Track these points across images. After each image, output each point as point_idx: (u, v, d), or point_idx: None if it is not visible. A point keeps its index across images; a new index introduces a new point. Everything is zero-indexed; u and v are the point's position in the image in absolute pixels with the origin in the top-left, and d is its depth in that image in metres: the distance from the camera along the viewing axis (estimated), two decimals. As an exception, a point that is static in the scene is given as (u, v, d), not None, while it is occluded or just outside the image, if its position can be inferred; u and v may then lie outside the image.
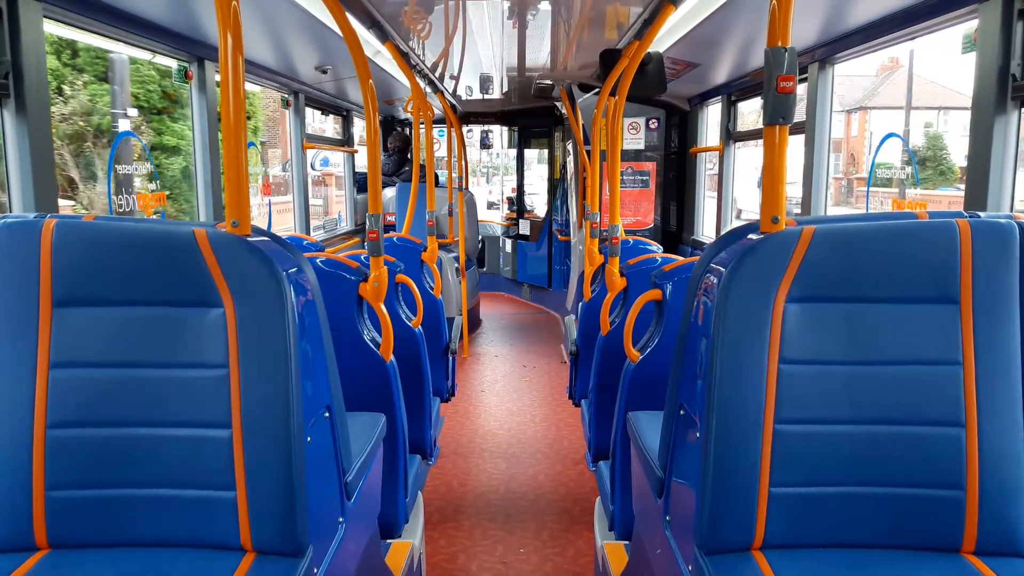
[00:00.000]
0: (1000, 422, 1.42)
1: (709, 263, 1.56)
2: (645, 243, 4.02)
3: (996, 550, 1.43)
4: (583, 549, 3.22)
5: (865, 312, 1.45)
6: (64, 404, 1.44)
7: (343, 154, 6.83)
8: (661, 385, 1.82)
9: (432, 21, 3.56)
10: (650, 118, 5.93)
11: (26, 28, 2.19)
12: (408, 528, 2.75)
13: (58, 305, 1.45)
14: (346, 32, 2.31)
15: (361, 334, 2.48)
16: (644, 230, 6.02)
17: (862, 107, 30.67)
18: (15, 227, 1.46)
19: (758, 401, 1.43)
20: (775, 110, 1.43)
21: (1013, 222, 1.45)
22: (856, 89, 30.52)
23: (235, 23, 1.48)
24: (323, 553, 1.58)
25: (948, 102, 27.50)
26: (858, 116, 31.03)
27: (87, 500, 1.45)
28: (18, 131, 2.23)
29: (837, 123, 30.35)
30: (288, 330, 1.43)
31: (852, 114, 30.89)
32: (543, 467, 4.14)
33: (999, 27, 2.22)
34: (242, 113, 1.52)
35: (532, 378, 5.95)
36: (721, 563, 1.42)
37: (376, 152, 2.43)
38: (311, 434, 1.50)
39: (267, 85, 4.74)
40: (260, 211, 5.32)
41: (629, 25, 3.38)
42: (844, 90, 28.72)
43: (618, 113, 3.35)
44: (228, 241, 1.45)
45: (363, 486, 1.89)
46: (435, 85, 5.75)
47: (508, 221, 9.61)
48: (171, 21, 3.06)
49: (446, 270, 6.21)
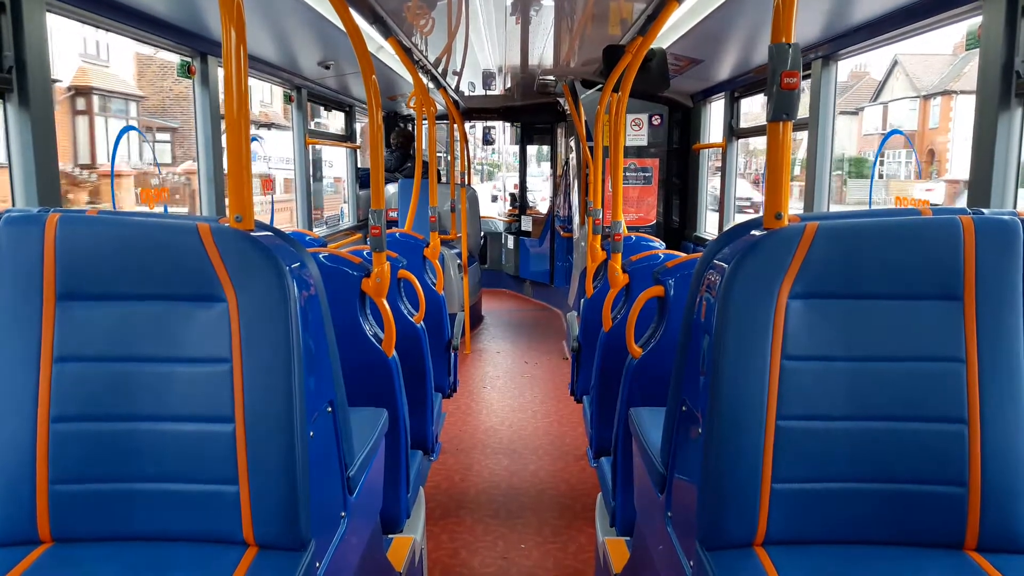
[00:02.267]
0: (1003, 418, 1.42)
1: (712, 259, 1.56)
2: (647, 239, 4.02)
3: (998, 547, 1.43)
4: (584, 545, 3.22)
5: (868, 308, 1.45)
6: (67, 398, 1.45)
7: (344, 151, 6.83)
8: (663, 381, 1.82)
9: (435, 17, 3.56)
10: (653, 114, 5.92)
11: (29, 22, 2.19)
12: (410, 523, 2.75)
13: (61, 299, 1.45)
14: (349, 28, 2.31)
15: (363, 329, 2.48)
16: (647, 226, 6.01)
17: (947, 91, 22.93)
18: (19, 221, 1.46)
19: (760, 397, 1.43)
20: (779, 106, 1.43)
21: (1017, 218, 1.45)
22: (931, 71, 24.02)
23: (238, 18, 1.48)
24: (325, 547, 1.58)
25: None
26: (940, 102, 23.24)
27: (90, 494, 1.45)
28: (22, 125, 2.23)
29: (910, 111, 23.08)
30: (291, 325, 1.43)
31: (931, 100, 23.81)
32: (545, 463, 4.15)
33: (1003, 24, 2.21)
34: (246, 108, 1.52)
35: (534, 374, 5.95)
36: (723, 559, 1.42)
37: (379, 148, 2.43)
38: (313, 429, 1.51)
39: (270, 80, 4.74)
40: (262, 208, 5.32)
41: (632, 21, 3.38)
42: (919, 71, 23.49)
43: (621, 109, 3.35)
44: (231, 235, 1.46)
45: (365, 481, 1.90)
46: (438, 81, 5.75)
47: (510, 217, 9.60)
48: (174, 16, 3.06)
49: (448, 266, 6.22)
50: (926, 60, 23.86)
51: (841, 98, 3.50)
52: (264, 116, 7.51)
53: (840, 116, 3.54)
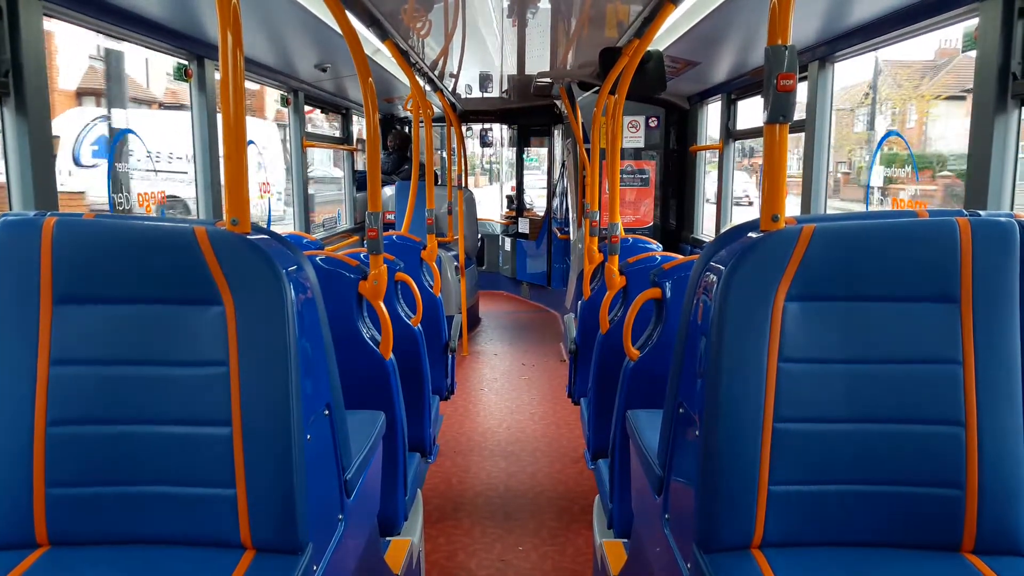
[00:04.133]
0: (1000, 420, 1.42)
1: (709, 261, 1.56)
2: (645, 241, 4.03)
3: (996, 549, 1.43)
4: (582, 547, 3.22)
5: (865, 310, 1.45)
6: (64, 401, 1.44)
7: (344, 153, 6.82)
8: (660, 383, 1.82)
9: (432, 19, 3.56)
10: (650, 116, 5.93)
11: (26, 26, 2.19)
12: (407, 526, 2.75)
13: (58, 303, 1.45)
14: (346, 30, 2.31)
15: (360, 332, 2.48)
16: (644, 228, 6.02)
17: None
18: (15, 225, 1.46)
19: (757, 399, 1.43)
20: (775, 108, 1.43)
21: (1013, 220, 1.45)
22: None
23: (235, 21, 1.48)
24: (322, 550, 1.58)
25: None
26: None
27: (87, 497, 1.45)
28: (18, 129, 2.23)
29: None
30: (288, 328, 1.43)
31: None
32: (542, 465, 4.14)
33: (999, 25, 2.22)
34: (242, 111, 1.52)
35: (531, 376, 5.95)
36: (720, 561, 1.42)
37: (376, 150, 2.43)
38: (311, 432, 1.50)
39: (267, 83, 4.73)
40: (260, 209, 5.32)
41: (629, 23, 3.38)
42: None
43: (618, 111, 3.35)
44: (228, 239, 1.45)
45: (362, 484, 1.89)
46: (434, 83, 5.75)
47: (507, 219, 9.61)
48: (171, 19, 3.06)
49: (445, 268, 6.21)
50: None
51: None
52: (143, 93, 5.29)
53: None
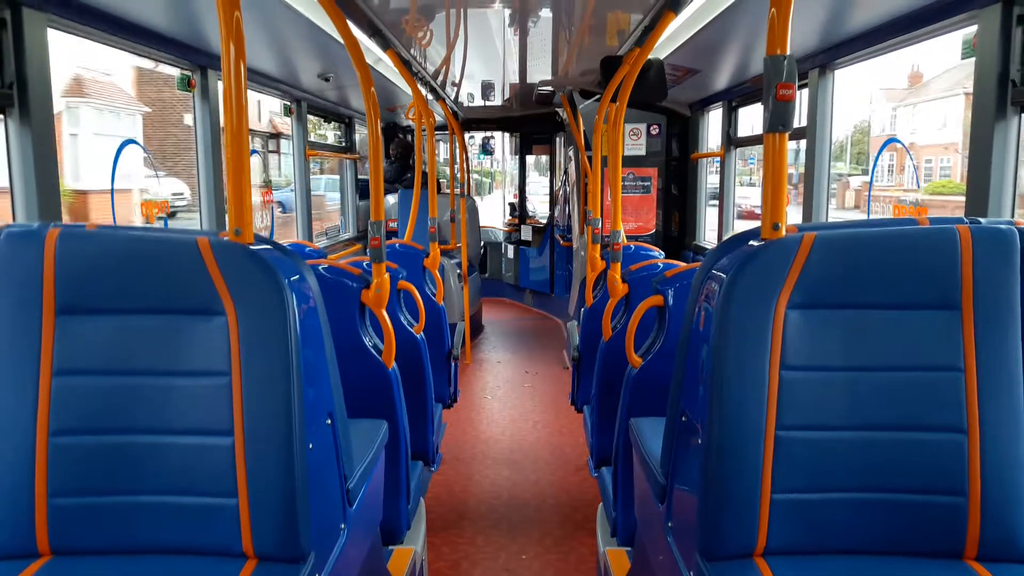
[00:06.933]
0: (1002, 428, 1.42)
1: (710, 269, 1.57)
2: (647, 249, 4.03)
3: (998, 556, 1.43)
4: (585, 555, 3.21)
5: (866, 318, 1.45)
6: (67, 412, 1.45)
7: (347, 162, 6.85)
8: (663, 391, 1.82)
9: (433, 29, 3.58)
10: (651, 124, 5.94)
11: (31, 38, 2.21)
12: (410, 534, 2.75)
13: (61, 313, 1.46)
14: (348, 40, 2.32)
15: (363, 341, 2.48)
16: (646, 236, 6.02)
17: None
18: (19, 236, 1.47)
19: (759, 407, 1.43)
20: (775, 117, 1.44)
21: (1014, 228, 1.45)
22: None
23: (237, 32, 1.49)
24: (325, 559, 1.58)
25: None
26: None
27: (89, 507, 1.45)
28: (22, 140, 2.24)
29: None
30: (290, 337, 1.43)
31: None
32: (545, 473, 4.14)
33: (998, 33, 2.22)
34: (245, 121, 1.53)
35: (534, 384, 5.95)
36: (723, 569, 1.42)
37: (378, 159, 2.44)
38: (313, 441, 1.51)
39: (269, 93, 4.76)
40: (263, 220, 5.33)
41: (630, 32, 3.40)
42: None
43: (619, 119, 3.36)
44: (231, 249, 1.46)
45: (365, 492, 1.89)
46: (436, 92, 5.77)
47: (510, 227, 9.62)
48: (174, 30, 3.08)
49: (448, 276, 6.22)
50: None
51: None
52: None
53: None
